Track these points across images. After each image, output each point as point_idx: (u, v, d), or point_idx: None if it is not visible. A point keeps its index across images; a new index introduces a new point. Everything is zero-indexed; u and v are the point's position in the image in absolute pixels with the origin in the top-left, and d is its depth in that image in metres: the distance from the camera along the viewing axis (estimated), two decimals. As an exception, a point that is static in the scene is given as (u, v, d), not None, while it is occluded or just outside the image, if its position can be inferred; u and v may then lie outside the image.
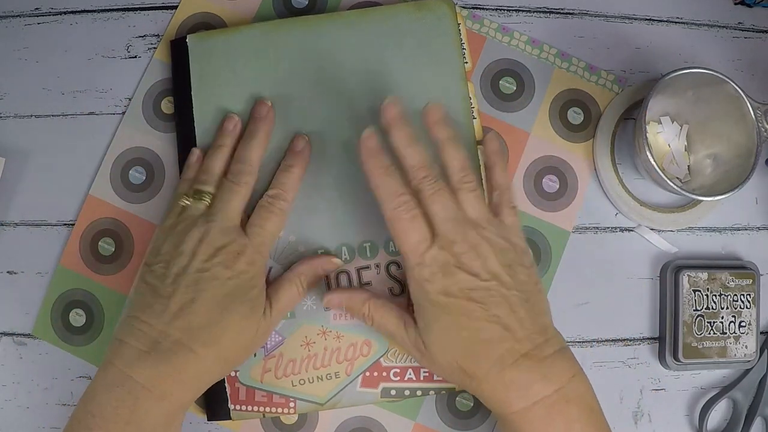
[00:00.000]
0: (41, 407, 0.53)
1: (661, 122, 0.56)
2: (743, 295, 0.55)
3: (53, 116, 0.55)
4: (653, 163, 0.50)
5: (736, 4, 0.59)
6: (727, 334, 0.54)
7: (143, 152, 0.55)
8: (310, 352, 0.51)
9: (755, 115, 0.50)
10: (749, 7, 0.59)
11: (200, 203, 0.49)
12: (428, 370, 0.51)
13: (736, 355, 0.54)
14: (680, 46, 0.58)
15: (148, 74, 0.55)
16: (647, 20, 0.58)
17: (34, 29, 0.56)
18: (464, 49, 0.55)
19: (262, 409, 0.51)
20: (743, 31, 0.59)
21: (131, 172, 0.55)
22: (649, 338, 0.56)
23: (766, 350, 0.55)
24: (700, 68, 0.50)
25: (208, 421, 0.52)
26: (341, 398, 0.51)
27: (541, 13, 0.58)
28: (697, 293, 0.54)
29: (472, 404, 0.54)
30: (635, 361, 0.55)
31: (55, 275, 0.54)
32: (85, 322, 0.53)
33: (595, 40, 0.58)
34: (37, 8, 0.56)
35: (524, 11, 0.57)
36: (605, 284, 0.56)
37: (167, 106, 0.55)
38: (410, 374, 0.52)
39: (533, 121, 0.56)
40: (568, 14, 0.58)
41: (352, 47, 0.53)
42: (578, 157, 0.56)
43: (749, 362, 0.55)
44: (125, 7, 0.56)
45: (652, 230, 0.56)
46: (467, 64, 0.55)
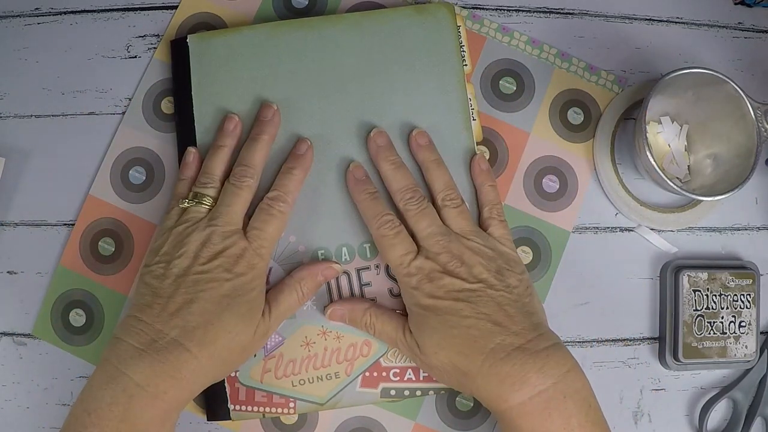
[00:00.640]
0: (41, 407, 0.53)
1: (661, 122, 0.56)
2: (743, 295, 0.55)
3: (53, 116, 0.55)
4: (653, 163, 0.50)
5: (736, 4, 0.59)
6: (727, 334, 0.54)
7: (143, 152, 0.55)
8: (310, 352, 0.51)
9: (755, 115, 0.50)
10: (749, 7, 0.59)
11: (201, 206, 0.49)
12: (427, 373, 0.51)
13: (736, 355, 0.54)
14: (680, 46, 0.58)
15: (148, 74, 0.55)
16: (647, 20, 0.58)
17: (34, 29, 0.56)
18: (464, 51, 0.55)
19: (262, 409, 0.51)
20: (743, 31, 0.59)
21: (131, 172, 0.55)
22: (649, 338, 0.56)
23: (766, 350, 0.55)
24: (700, 68, 0.50)
25: (207, 421, 0.52)
26: (341, 398, 0.51)
27: (541, 13, 0.58)
28: (697, 293, 0.54)
29: (472, 404, 0.54)
30: (635, 361, 0.55)
31: (55, 275, 0.54)
32: (85, 322, 0.53)
33: (595, 40, 0.58)
34: (37, 8, 0.56)
35: (524, 11, 0.57)
36: (605, 284, 0.56)
37: (167, 106, 0.55)
38: (410, 374, 0.52)
39: (533, 121, 0.56)
40: (568, 14, 0.58)
41: (352, 49, 0.53)
42: (578, 157, 0.56)
43: (749, 362, 0.55)
44: (125, 7, 0.56)
45: (652, 230, 0.56)
46: (467, 66, 0.55)
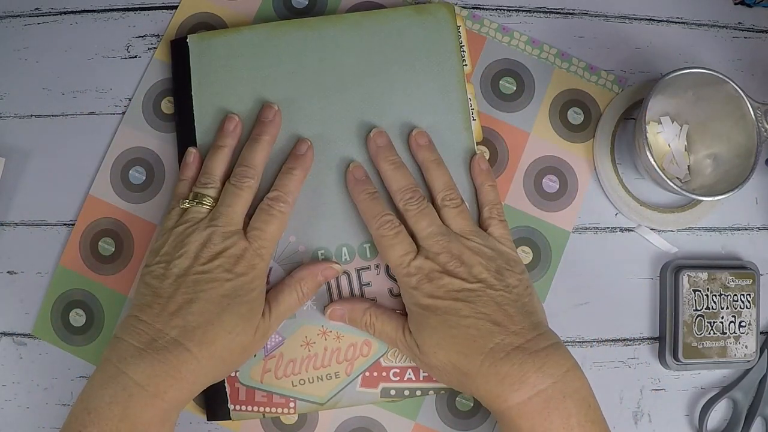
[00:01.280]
0: (41, 407, 0.53)
1: (661, 122, 0.56)
2: (743, 295, 0.55)
3: (53, 116, 0.55)
4: (653, 163, 0.50)
5: (736, 4, 0.59)
6: (727, 334, 0.54)
7: (143, 152, 0.55)
8: (310, 352, 0.51)
9: (755, 115, 0.50)
10: (749, 7, 0.59)
11: (201, 206, 0.49)
12: (427, 373, 0.51)
13: (736, 355, 0.54)
14: (680, 46, 0.58)
15: (148, 74, 0.55)
16: (647, 20, 0.58)
17: (34, 29, 0.56)
18: (464, 51, 0.55)
19: (262, 409, 0.51)
20: (743, 31, 0.59)
21: (131, 172, 0.55)
22: (649, 338, 0.56)
23: (766, 350, 0.55)
24: (700, 68, 0.50)
25: (208, 421, 0.52)
26: (341, 398, 0.51)
27: (541, 13, 0.58)
28: (697, 293, 0.54)
29: (472, 404, 0.53)
30: (635, 361, 0.55)
31: (55, 275, 0.54)
32: (85, 322, 0.53)
33: (595, 40, 0.58)
34: (37, 8, 0.56)
35: (524, 11, 0.57)
36: (605, 284, 0.56)
37: (167, 106, 0.55)
38: (410, 374, 0.52)
39: (533, 121, 0.56)
40: (568, 14, 0.58)
41: (352, 49, 0.53)
42: (578, 157, 0.56)
43: (749, 362, 0.55)
44: (125, 7, 0.56)
45: (652, 230, 0.56)
46: (467, 66, 0.55)
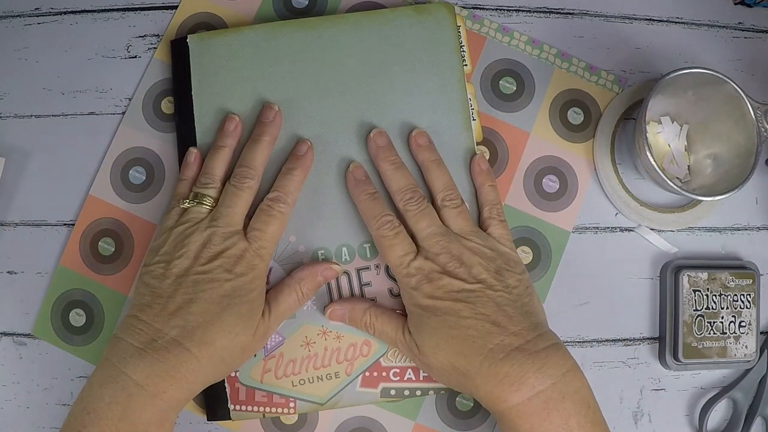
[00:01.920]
0: (41, 407, 0.53)
1: (661, 122, 0.56)
2: (743, 295, 0.55)
3: (53, 116, 0.55)
4: (653, 163, 0.50)
5: (736, 4, 0.59)
6: (727, 334, 0.54)
7: (143, 152, 0.55)
8: (310, 352, 0.51)
9: (755, 115, 0.50)
10: (749, 7, 0.59)
11: (202, 206, 0.49)
12: (427, 374, 0.51)
13: (736, 355, 0.54)
14: (680, 46, 0.58)
15: (148, 74, 0.55)
16: (647, 20, 0.58)
17: (34, 29, 0.56)
18: (464, 51, 0.55)
19: (262, 409, 0.51)
20: (743, 31, 0.59)
21: (131, 172, 0.55)
22: (649, 338, 0.56)
23: (766, 350, 0.55)
24: (700, 68, 0.50)
25: (208, 421, 0.52)
26: (341, 398, 0.51)
27: (541, 13, 0.58)
28: (697, 293, 0.54)
29: (472, 404, 0.54)
30: (635, 361, 0.55)
31: (55, 275, 0.54)
32: (85, 322, 0.53)
33: (595, 40, 0.58)
34: (37, 8, 0.56)
35: (524, 11, 0.57)
36: (605, 284, 0.56)
37: (167, 106, 0.55)
38: (410, 374, 0.52)
39: (533, 121, 0.56)
40: (568, 14, 0.58)
41: (352, 49, 0.53)
42: (578, 157, 0.56)
43: (749, 362, 0.55)
44: (125, 7, 0.56)
45: (652, 230, 0.56)
46: (467, 66, 0.55)
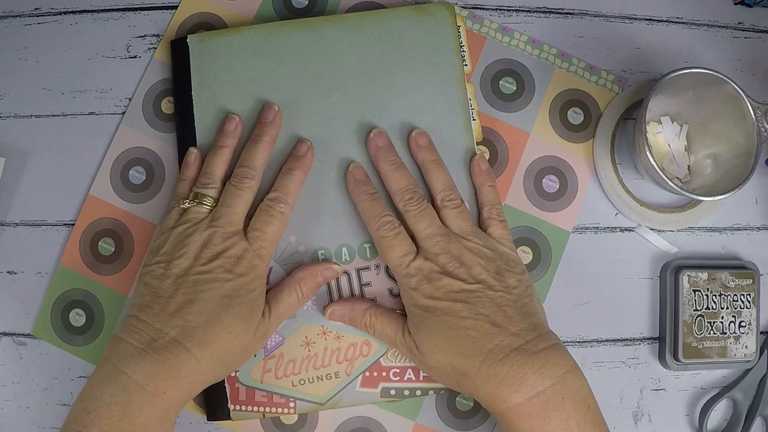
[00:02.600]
0: (41, 407, 0.53)
1: (661, 122, 0.56)
2: (743, 295, 0.55)
3: (53, 116, 0.55)
4: (653, 163, 0.50)
5: (736, 4, 0.59)
6: (727, 334, 0.54)
7: (143, 152, 0.55)
8: (310, 352, 0.51)
9: (755, 115, 0.50)
10: (749, 7, 0.59)
11: (202, 206, 0.49)
12: (426, 374, 0.51)
13: (736, 355, 0.54)
14: (680, 46, 0.58)
15: (148, 74, 0.55)
16: (647, 20, 0.58)
17: (34, 29, 0.56)
18: (464, 51, 0.55)
19: (262, 409, 0.51)
20: (743, 31, 0.59)
21: (131, 172, 0.55)
22: (649, 338, 0.56)
23: (766, 350, 0.55)
24: (700, 68, 0.50)
25: (208, 421, 0.52)
26: (341, 398, 0.51)
27: (541, 13, 0.58)
28: (697, 293, 0.54)
29: (472, 404, 0.54)
30: (635, 361, 0.55)
31: (55, 275, 0.54)
32: (85, 322, 0.53)
33: (595, 40, 0.58)
34: (37, 8, 0.56)
35: (524, 11, 0.57)
36: (605, 284, 0.56)
37: (167, 106, 0.55)
38: (410, 374, 0.52)
39: (533, 121, 0.56)
40: (568, 14, 0.58)
41: (352, 49, 0.53)
42: (578, 157, 0.56)
43: (749, 362, 0.55)
44: (125, 7, 0.56)
45: (652, 230, 0.56)
46: (467, 66, 0.55)
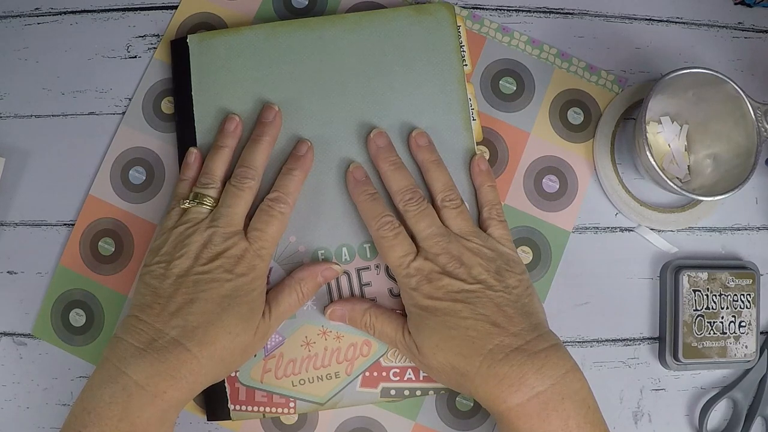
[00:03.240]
0: (41, 407, 0.53)
1: (661, 122, 0.56)
2: (743, 295, 0.55)
3: (53, 116, 0.55)
4: (653, 163, 0.50)
5: (736, 4, 0.59)
6: (727, 334, 0.54)
7: (143, 152, 0.55)
8: (310, 352, 0.51)
9: (755, 115, 0.50)
10: (749, 7, 0.59)
11: (202, 206, 0.49)
12: (426, 374, 0.51)
13: (736, 355, 0.54)
14: (680, 46, 0.58)
15: (148, 74, 0.55)
16: (647, 20, 0.58)
17: (34, 29, 0.56)
18: (464, 51, 0.55)
19: (262, 409, 0.51)
20: (743, 31, 0.59)
21: (131, 172, 0.55)
22: (649, 338, 0.56)
23: (766, 350, 0.55)
24: (700, 68, 0.50)
25: (208, 421, 0.52)
26: (341, 398, 0.51)
27: (541, 13, 0.58)
28: (697, 293, 0.54)
29: (472, 404, 0.54)
30: (635, 361, 0.55)
31: (55, 275, 0.54)
32: (85, 322, 0.53)
33: (595, 40, 0.58)
34: (37, 8, 0.56)
35: (524, 11, 0.57)
36: (605, 284, 0.56)
37: (167, 106, 0.55)
38: (410, 374, 0.52)
39: (533, 121, 0.56)
40: (568, 14, 0.58)
41: (352, 49, 0.53)
42: (578, 157, 0.56)
43: (749, 362, 0.55)
44: (125, 7, 0.56)
45: (652, 230, 0.56)
46: (467, 66, 0.55)
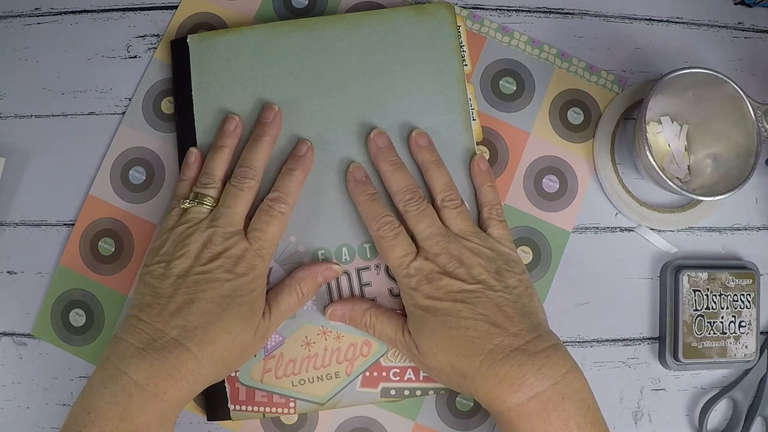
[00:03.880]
0: (41, 407, 0.53)
1: (661, 122, 0.56)
2: (743, 295, 0.55)
3: (53, 116, 0.55)
4: (653, 163, 0.50)
5: (736, 4, 0.59)
6: (727, 334, 0.54)
7: (143, 152, 0.55)
8: (310, 352, 0.51)
9: (755, 115, 0.50)
10: (749, 7, 0.59)
11: (202, 206, 0.49)
12: (426, 374, 0.51)
13: (736, 355, 0.54)
14: (680, 46, 0.58)
15: (148, 74, 0.55)
16: (647, 20, 0.58)
17: (34, 29, 0.56)
18: (464, 51, 0.55)
19: (262, 409, 0.51)
20: (743, 31, 0.59)
21: (131, 172, 0.55)
22: (649, 338, 0.56)
23: (766, 350, 0.55)
24: (700, 68, 0.50)
25: (208, 421, 0.52)
26: (341, 398, 0.51)
27: (541, 13, 0.58)
28: (697, 293, 0.54)
29: (472, 404, 0.54)
30: (635, 361, 0.55)
31: (55, 275, 0.54)
32: (85, 322, 0.53)
33: (595, 40, 0.58)
34: (37, 8, 0.56)
35: (524, 11, 0.57)
36: (605, 284, 0.56)
37: (167, 106, 0.55)
38: (410, 374, 0.52)
39: (533, 121, 0.56)
40: (568, 14, 0.58)
41: (352, 49, 0.53)
42: (578, 157, 0.56)
43: (749, 362, 0.55)
44: (125, 7, 0.56)
45: (652, 230, 0.56)
46: (467, 66, 0.55)
